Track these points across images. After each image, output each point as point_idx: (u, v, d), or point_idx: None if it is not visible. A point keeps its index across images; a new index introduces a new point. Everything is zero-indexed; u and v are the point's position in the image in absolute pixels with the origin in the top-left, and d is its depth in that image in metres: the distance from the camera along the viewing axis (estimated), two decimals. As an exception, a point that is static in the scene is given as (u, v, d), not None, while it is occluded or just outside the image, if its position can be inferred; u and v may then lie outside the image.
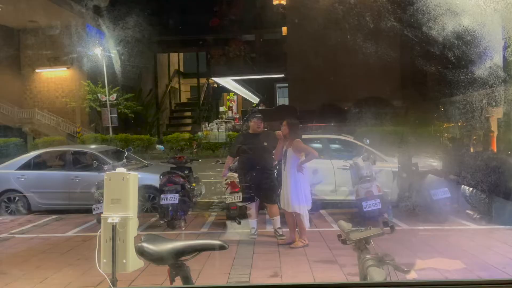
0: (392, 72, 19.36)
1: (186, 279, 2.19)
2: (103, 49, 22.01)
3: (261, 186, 6.30)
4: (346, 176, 7.87)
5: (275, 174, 6.74)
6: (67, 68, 24.82)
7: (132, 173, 5.20)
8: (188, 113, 31.40)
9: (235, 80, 28.39)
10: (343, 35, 15.71)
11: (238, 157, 6.56)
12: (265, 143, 6.31)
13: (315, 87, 19.01)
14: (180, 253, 2.18)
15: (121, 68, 22.06)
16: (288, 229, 6.11)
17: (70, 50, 23.01)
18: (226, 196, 7.26)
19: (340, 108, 18.63)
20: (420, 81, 18.65)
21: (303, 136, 6.61)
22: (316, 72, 19.09)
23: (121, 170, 5.26)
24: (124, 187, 3.73)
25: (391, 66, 18.18)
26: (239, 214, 7.13)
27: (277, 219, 6.34)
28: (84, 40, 22.65)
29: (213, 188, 11.15)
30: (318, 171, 8.10)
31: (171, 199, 7.07)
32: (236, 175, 6.75)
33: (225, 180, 6.92)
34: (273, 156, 6.42)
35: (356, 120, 15.34)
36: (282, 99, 30.76)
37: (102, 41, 22.82)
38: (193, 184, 8.07)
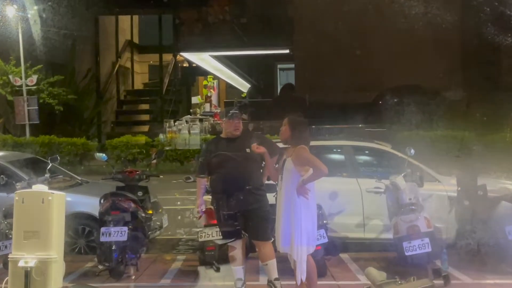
0: (448, 47, 19.38)
1: None
2: (18, 8, 21.89)
3: (246, 215, 6.34)
4: (380, 204, 7.87)
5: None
6: (-39, 35, 24.65)
7: (58, 193, 5.13)
8: (145, 106, 31.19)
9: (216, 58, 28.32)
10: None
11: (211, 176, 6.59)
12: (248, 150, 6.33)
13: (334, 69, 19.02)
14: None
15: (44, 37, 21.91)
16: (294, 281, 6.00)
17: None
18: (199, 231, 7.23)
19: (370, 101, 18.62)
20: (490, 60, 18.70)
21: (315, 143, 6.77)
22: (335, 47, 19.09)
23: (40, 188, 5.19)
24: (44, 213, 3.74)
25: (446, 37, 18.22)
26: (218, 258, 7.08)
27: (272, 264, 6.31)
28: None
29: (179, 218, 11.07)
30: (338, 195, 8.13)
31: (116, 234, 7.00)
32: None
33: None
34: (261, 170, 6.50)
35: (395, 119, 15.37)
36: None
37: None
38: (150, 212, 8.04)
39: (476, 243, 7.28)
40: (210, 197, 6.75)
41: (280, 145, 6.45)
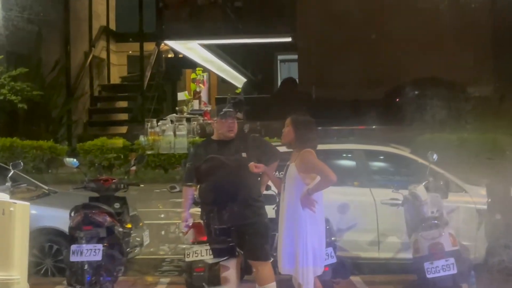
0: (478, 30, 19.19)
1: None
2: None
3: (241, 230, 6.29)
4: (397, 218, 7.76)
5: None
6: None
7: (21, 202, 4.84)
8: (123, 103, 31.28)
9: (206, 47, 28.31)
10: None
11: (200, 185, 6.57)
12: (244, 154, 6.38)
13: (344, 60, 18.90)
14: None
15: (5, 19, 21.70)
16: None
17: None
18: (186, 249, 7.19)
19: (385, 98, 18.46)
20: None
21: (322, 147, 6.64)
22: (345, 34, 18.98)
23: (0, 197, 4.93)
24: (4, 226, 3.53)
25: (476, 19, 18.04)
26: (208, 280, 6.98)
27: (271, 288, 6.36)
28: None
29: (163, 233, 11.11)
30: (349, 207, 8.17)
31: (89, 252, 6.94)
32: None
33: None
34: (259, 178, 6.57)
35: (415, 119, 15.29)
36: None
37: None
38: (128, 226, 7.96)
39: (510, 261, 7.34)
40: (199, 209, 6.73)
41: (282, 149, 6.40)
